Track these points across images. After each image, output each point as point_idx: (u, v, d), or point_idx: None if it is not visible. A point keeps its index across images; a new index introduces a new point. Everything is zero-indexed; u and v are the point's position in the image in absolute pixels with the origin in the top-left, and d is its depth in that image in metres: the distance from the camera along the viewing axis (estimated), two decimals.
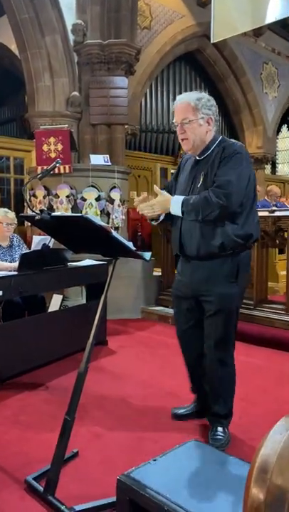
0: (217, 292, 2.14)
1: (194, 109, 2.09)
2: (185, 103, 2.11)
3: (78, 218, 1.80)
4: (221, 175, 2.04)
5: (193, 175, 2.19)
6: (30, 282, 3.20)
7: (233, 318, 2.23)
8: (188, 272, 2.25)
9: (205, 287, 2.17)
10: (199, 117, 2.09)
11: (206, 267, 2.16)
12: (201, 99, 2.11)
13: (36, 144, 4.87)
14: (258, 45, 10.91)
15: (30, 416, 2.57)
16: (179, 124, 2.13)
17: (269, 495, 0.61)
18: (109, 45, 6.24)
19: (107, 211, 4.88)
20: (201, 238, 2.11)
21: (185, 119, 2.10)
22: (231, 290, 2.15)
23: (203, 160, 2.16)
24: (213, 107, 2.15)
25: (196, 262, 2.19)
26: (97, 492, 1.81)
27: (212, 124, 2.14)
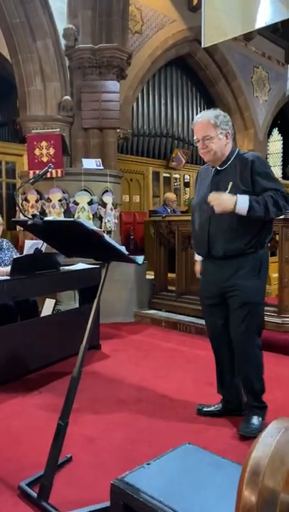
0: (243, 285, 2.31)
1: (214, 126, 2.30)
2: (205, 121, 2.32)
3: (70, 223, 1.80)
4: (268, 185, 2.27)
5: (215, 184, 2.36)
6: (23, 287, 3.19)
7: (259, 311, 2.43)
8: (214, 271, 2.42)
9: (231, 283, 2.34)
10: (219, 133, 2.31)
11: (231, 265, 2.34)
12: (218, 116, 2.33)
13: (28, 148, 4.86)
14: (248, 50, 11.01)
15: (23, 421, 2.56)
16: (200, 140, 2.34)
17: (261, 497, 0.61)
18: (100, 50, 6.25)
19: (100, 215, 4.89)
20: (231, 239, 2.30)
21: (206, 136, 2.31)
22: (256, 283, 2.35)
23: (224, 170, 2.36)
24: (229, 122, 2.38)
25: (221, 262, 2.37)
26: (91, 497, 1.80)
27: (229, 138, 2.36)
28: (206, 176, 2.48)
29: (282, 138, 14.22)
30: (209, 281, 2.47)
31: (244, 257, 2.32)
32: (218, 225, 2.32)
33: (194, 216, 2.52)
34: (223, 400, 2.62)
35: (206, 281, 2.51)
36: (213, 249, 2.37)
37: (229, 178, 2.31)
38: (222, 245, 2.33)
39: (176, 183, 10.66)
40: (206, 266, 2.51)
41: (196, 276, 2.81)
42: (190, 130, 10.55)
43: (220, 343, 2.53)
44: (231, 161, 2.35)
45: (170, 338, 4.39)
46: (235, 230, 2.28)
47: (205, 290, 2.52)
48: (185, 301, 4.86)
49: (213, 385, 3.05)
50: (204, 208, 2.38)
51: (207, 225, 2.37)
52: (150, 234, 6.13)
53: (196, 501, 1.42)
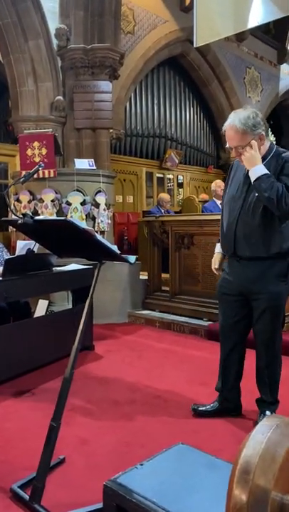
0: (268, 291, 2.30)
1: (244, 133, 2.19)
2: (234, 129, 2.20)
3: (61, 222, 1.79)
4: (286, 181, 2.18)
5: (247, 183, 2.30)
6: (15, 288, 3.17)
7: (282, 313, 2.43)
8: (238, 271, 2.39)
9: (256, 286, 2.32)
10: (251, 138, 2.20)
11: (257, 267, 2.31)
12: (248, 120, 2.19)
13: (20, 149, 4.84)
14: (240, 50, 11.04)
15: (16, 423, 2.53)
16: (234, 147, 2.25)
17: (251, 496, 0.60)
18: (93, 50, 6.24)
19: (93, 215, 4.87)
20: (257, 242, 2.26)
21: (239, 146, 2.22)
22: (281, 289, 2.33)
23: None
24: (260, 122, 2.22)
25: (246, 262, 2.34)
26: (84, 498, 1.79)
27: (264, 139, 2.25)
28: (240, 172, 2.39)
29: (274, 138, 14.26)
30: (232, 280, 2.43)
31: (271, 261, 2.29)
32: (245, 226, 2.28)
33: (223, 213, 2.45)
34: (220, 397, 2.60)
35: (229, 280, 2.46)
36: (239, 251, 2.34)
37: None
38: (248, 248, 2.30)
39: (170, 183, 10.66)
40: (231, 264, 2.45)
41: (189, 276, 2.79)
42: (183, 130, 10.57)
43: (229, 338, 2.52)
44: (267, 160, 2.26)
45: (164, 339, 4.38)
46: (262, 232, 2.25)
47: (225, 287, 2.48)
48: (179, 301, 4.85)
49: (207, 384, 3.04)
50: (233, 207, 2.34)
51: (234, 226, 2.33)
52: (144, 234, 6.13)
53: (189, 502, 1.41)
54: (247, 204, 2.28)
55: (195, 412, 2.59)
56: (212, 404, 2.61)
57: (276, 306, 2.35)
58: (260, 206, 2.23)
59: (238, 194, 2.33)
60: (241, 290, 2.40)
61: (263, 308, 2.35)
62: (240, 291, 2.41)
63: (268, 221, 2.24)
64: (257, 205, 2.25)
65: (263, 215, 2.23)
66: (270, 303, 2.33)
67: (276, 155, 2.27)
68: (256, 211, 2.25)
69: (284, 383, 3.11)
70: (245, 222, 2.28)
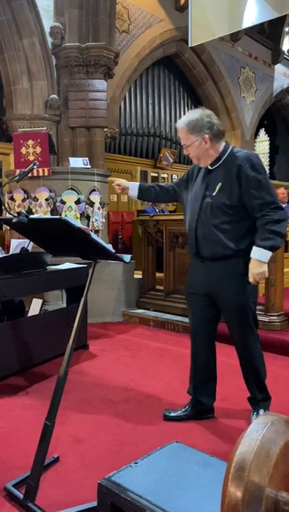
0: (232, 291, 2.30)
1: (188, 133, 2.26)
2: (179, 129, 2.31)
3: (56, 220, 1.79)
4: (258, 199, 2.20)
5: (205, 183, 2.33)
6: (9, 286, 3.15)
7: (250, 312, 2.38)
8: (202, 272, 2.39)
9: (219, 286, 2.32)
10: (194, 140, 2.26)
11: (219, 267, 2.31)
12: (190, 123, 2.25)
13: (14, 147, 4.81)
14: (235, 50, 11.07)
15: (10, 422, 2.53)
16: (183, 145, 2.34)
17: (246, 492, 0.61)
18: (87, 48, 6.23)
19: (87, 214, 4.86)
20: (218, 242, 2.26)
21: (185, 145, 2.32)
22: (245, 288, 2.30)
23: (215, 170, 2.32)
24: (204, 126, 2.24)
25: (209, 263, 2.34)
26: (79, 497, 1.79)
27: (210, 141, 2.26)
28: (198, 174, 2.43)
29: (268, 138, 14.33)
30: (198, 281, 2.43)
31: (233, 261, 2.28)
32: (205, 227, 2.29)
33: (185, 214, 2.48)
34: (192, 400, 2.55)
35: (194, 280, 2.46)
36: (201, 251, 2.35)
37: (219, 179, 2.27)
38: (209, 247, 2.30)
39: (164, 182, 10.68)
40: (195, 264, 2.46)
41: (183, 276, 2.81)
42: None
43: (199, 339, 2.50)
44: (222, 160, 2.29)
45: (158, 338, 4.39)
46: (221, 232, 2.25)
47: (192, 287, 2.48)
48: (173, 301, 4.86)
49: None
50: (193, 208, 2.35)
51: (194, 226, 2.34)
52: (138, 233, 6.12)
53: (183, 500, 1.42)
54: (205, 204, 2.29)
55: (166, 418, 2.52)
56: (184, 408, 2.55)
57: (243, 305, 2.33)
58: (218, 206, 2.24)
59: (197, 195, 2.35)
60: (206, 290, 2.39)
61: (230, 309, 2.36)
62: (205, 291, 2.40)
63: (227, 221, 2.24)
64: (215, 205, 2.25)
65: (221, 214, 2.24)
66: (236, 303, 2.32)
67: (231, 155, 2.28)
68: (215, 211, 2.25)
69: (281, 381, 3.14)
70: (205, 223, 2.29)
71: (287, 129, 14.57)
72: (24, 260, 3.35)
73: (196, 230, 2.34)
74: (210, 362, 2.54)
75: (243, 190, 2.20)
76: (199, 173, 2.43)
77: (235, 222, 2.25)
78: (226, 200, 2.23)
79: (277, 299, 4.11)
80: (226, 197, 2.23)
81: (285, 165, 14.45)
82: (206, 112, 2.29)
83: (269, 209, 2.19)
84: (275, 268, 4.09)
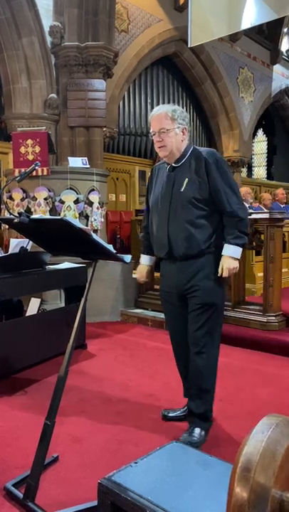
0: (202, 287, 2.26)
1: (171, 119, 2.26)
2: (162, 114, 2.27)
3: (58, 221, 1.79)
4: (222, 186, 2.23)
5: (172, 180, 2.31)
6: (8, 286, 3.16)
7: (218, 315, 2.33)
8: (174, 272, 2.35)
9: (191, 283, 2.28)
10: (175, 127, 2.26)
11: (192, 266, 2.28)
12: (176, 110, 2.29)
13: (13, 146, 4.81)
14: (234, 50, 11.08)
15: (8, 421, 2.53)
16: (156, 132, 2.28)
17: (252, 493, 0.62)
18: (87, 48, 6.23)
19: (86, 214, 4.86)
20: (191, 238, 2.24)
21: (163, 129, 2.26)
22: (215, 285, 2.28)
23: (180, 167, 2.30)
24: (186, 118, 2.33)
25: (181, 262, 2.31)
26: (79, 496, 1.80)
27: (186, 134, 2.31)
28: (162, 174, 2.40)
29: (266, 138, 14.36)
30: (170, 283, 2.38)
31: (205, 258, 2.27)
32: (178, 224, 2.26)
33: (152, 216, 2.42)
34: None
35: (167, 284, 2.41)
36: (174, 250, 2.29)
37: (185, 175, 2.26)
38: (183, 244, 2.25)
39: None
40: (166, 267, 2.41)
41: None
42: None
43: (182, 345, 2.42)
44: (187, 157, 2.29)
45: (156, 337, 4.39)
46: (195, 227, 2.23)
47: (167, 294, 2.43)
48: None
49: None
50: (161, 208, 2.31)
51: (166, 226, 2.29)
52: (136, 233, 6.13)
53: (183, 499, 1.43)
54: (175, 201, 2.27)
55: (165, 418, 2.53)
56: (183, 409, 2.54)
57: (211, 303, 2.27)
58: (188, 201, 2.23)
59: (164, 194, 2.32)
60: (180, 292, 2.34)
61: (197, 306, 2.28)
62: (179, 294, 2.35)
63: (199, 215, 2.23)
64: (185, 203, 2.23)
65: (193, 209, 2.22)
66: (204, 300, 2.26)
67: (194, 152, 2.29)
68: (186, 206, 2.23)
69: (280, 381, 3.15)
70: (177, 220, 2.26)
71: (285, 129, 14.60)
72: (23, 260, 3.35)
73: (168, 229, 2.29)
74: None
75: (210, 184, 2.22)
76: (159, 173, 2.42)
77: (206, 216, 2.24)
78: (196, 194, 2.22)
79: (275, 299, 4.13)
80: (194, 191, 2.22)
81: (282, 165, 14.49)
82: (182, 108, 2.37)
83: (236, 206, 2.22)
84: (273, 268, 4.10)
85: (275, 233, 4.09)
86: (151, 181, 2.50)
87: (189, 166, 2.27)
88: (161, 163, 2.46)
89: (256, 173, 14.29)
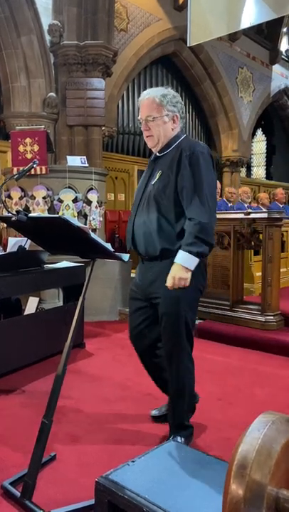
0: (164, 294, 2.04)
1: (159, 105, 2.04)
2: (150, 99, 2.06)
3: (56, 219, 1.79)
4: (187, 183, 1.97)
5: (150, 171, 2.14)
6: (6, 285, 3.15)
7: (182, 324, 2.07)
8: (141, 272, 2.20)
9: (153, 288, 2.11)
10: (164, 114, 2.05)
11: (155, 267, 2.09)
12: (166, 95, 2.06)
13: (12, 145, 4.81)
14: (233, 50, 11.08)
15: (6, 420, 2.53)
16: (143, 120, 2.08)
17: (248, 490, 0.62)
18: (86, 47, 6.23)
19: (84, 213, 4.86)
20: (152, 237, 2.04)
21: (149, 116, 2.05)
22: (177, 293, 2.00)
23: (163, 157, 2.11)
24: (178, 103, 2.10)
25: (147, 262, 2.14)
26: (76, 495, 1.79)
27: (177, 122, 2.10)
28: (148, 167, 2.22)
29: (265, 138, 14.36)
30: (137, 283, 2.23)
31: (169, 261, 1.99)
32: (142, 218, 2.07)
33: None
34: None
35: (135, 282, 2.26)
36: (138, 246, 2.13)
37: (162, 167, 2.06)
38: (144, 245, 2.08)
39: None
40: (139, 265, 2.25)
41: None
42: None
43: (141, 347, 2.30)
44: (172, 148, 2.07)
45: None
46: (155, 225, 2.02)
47: (134, 291, 2.27)
48: None
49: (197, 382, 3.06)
50: (135, 200, 2.16)
51: (132, 221, 2.12)
52: None
53: (181, 498, 1.43)
54: (145, 195, 2.09)
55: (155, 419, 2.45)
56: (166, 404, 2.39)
57: (175, 312, 2.04)
58: (155, 198, 2.03)
59: (140, 185, 2.17)
60: (143, 293, 2.18)
61: (161, 314, 2.09)
62: (142, 294, 2.19)
63: (162, 215, 2.01)
64: (152, 197, 2.04)
65: (158, 206, 2.02)
66: (168, 308, 2.05)
67: (180, 143, 2.08)
68: (151, 202, 2.04)
69: (278, 381, 3.15)
70: (142, 216, 2.07)
71: (284, 129, 14.61)
72: (21, 258, 3.35)
73: (134, 223, 2.11)
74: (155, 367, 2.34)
75: (178, 180, 1.98)
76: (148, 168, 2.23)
77: (172, 215, 2.00)
78: (164, 189, 2.01)
79: (273, 298, 4.13)
80: (163, 186, 2.01)
81: (281, 165, 14.50)
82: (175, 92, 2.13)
83: (197, 208, 1.94)
84: (272, 268, 4.11)
85: (273, 233, 4.10)
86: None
87: (171, 158, 2.04)
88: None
89: (255, 173, 14.30)
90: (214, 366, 3.50)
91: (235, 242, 4.35)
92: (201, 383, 3.07)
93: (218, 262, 4.52)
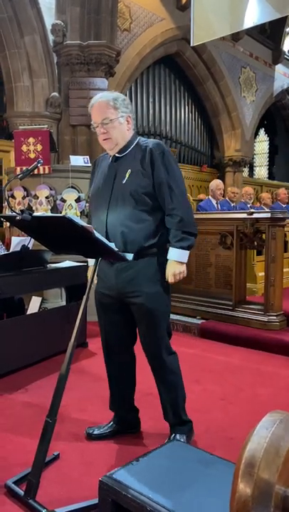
0: (144, 292, 2.07)
1: (114, 108, 2.07)
2: (104, 102, 2.08)
3: (60, 219, 1.79)
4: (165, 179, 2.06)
5: (113, 172, 2.14)
6: (9, 284, 3.16)
7: (165, 318, 2.17)
8: (113, 273, 2.13)
9: (130, 287, 2.09)
10: (119, 116, 2.08)
11: (132, 267, 2.07)
12: (118, 98, 2.11)
13: (15, 145, 4.81)
14: (236, 50, 11.08)
15: (9, 419, 2.53)
16: (99, 124, 2.09)
17: (256, 489, 0.62)
18: (89, 47, 6.23)
19: (87, 212, 4.86)
20: (131, 234, 2.04)
21: (106, 119, 2.07)
22: (158, 289, 2.10)
23: (124, 157, 2.13)
24: (129, 105, 2.16)
25: (120, 263, 2.08)
26: (79, 494, 1.80)
27: (131, 122, 2.15)
28: (104, 165, 2.22)
29: (268, 138, 14.35)
30: (109, 285, 2.15)
31: (147, 260, 2.07)
32: (116, 217, 2.06)
33: (91, 209, 2.27)
34: (116, 418, 2.37)
35: (105, 286, 2.18)
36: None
37: (128, 166, 2.08)
38: (121, 243, 2.04)
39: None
40: (104, 267, 2.15)
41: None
42: (177, 129, 10.58)
43: (112, 350, 2.28)
44: (131, 148, 2.12)
45: None
46: (134, 223, 2.03)
47: (102, 296, 2.21)
48: (172, 300, 4.84)
49: (200, 382, 3.07)
50: (101, 201, 2.13)
51: (105, 221, 2.09)
52: None
53: (184, 497, 1.43)
54: (115, 194, 2.08)
55: (90, 437, 2.31)
56: (109, 424, 2.37)
57: (155, 309, 2.09)
58: (129, 196, 2.04)
59: (105, 186, 2.14)
60: (119, 295, 2.13)
61: (141, 314, 2.10)
62: (117, 296, 2.14)
63: (139, 210, 2.04)
64: (126, 196, 2.05)
65: (134, 203, 2.04)
66: (153, 304, 2.08)
67: (139, 143, 2.14)
68: (125, 202, 2.05)
69: (280, 381, 3.15)
70: (115, 215, 2.06)
71: (286, 129, 14.60)
72: (24, 258, 3.35)
73: (106, 223, 2.08)
74: (132, 378, 2.35)
75: (154, 176, 2.05)
76: (102, 165, 2.25)
77: (149, 212, 2.05)
78: (138, 186, 2.04)
79: (276, 299, 4.12)
80: (137, 183, 2.04)
81: (284, 165, 14.49)
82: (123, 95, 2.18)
83: (178, 204, 2.04)
84: (275, 268, 4.10)
85: (276, 233, 4.09)
86: (93, 173, 2.31)
87: (134, 157, 2.09)
88: (104, 153, 2.28)
89: (258, 173, 14.29)
90: (216, 366, 3.50)
91: (238, 242, 4.34)
92: (203, 383, 3.07)
93: (221, 262, 4.52)
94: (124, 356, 2.29)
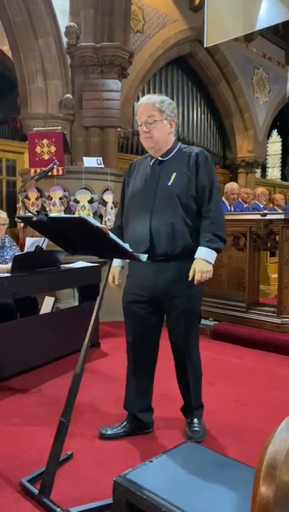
0: (186, 292, 2.19)
1: (159, 110, 2.16)
2: (150, 104, 2.18)
3: (75, 219, 1.80)
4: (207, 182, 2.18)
5: (156, 175, 2.20)
6: (23, 284, 3.19)
7: (197, 317, 2.33)
8: (151, 274, 2.19)
9: (173, 288, 2.18)
10: (163, 118, 2.17)
11: (174, 267, 2.17)
12: (164, 101, 2.19)
13: (29, 146, 4.85)
14: (249, 51, 11.03)
15: (23, 418, 2.56)
16: (143, 123, 2.19)
17: (278, 491, 0.61)
18: (102, 48, 6.26)
19: (100, 213, 4.88)
20: (174, 236, 2.14)
21: (150, 118, 2.16)
22: (197, 289, 2.22)
23: (167, 161, 2.22)
24: (174, 110, 2.24)
25: (161, 263, 2.17)
26: (94, 494, 1.80)
27: (174, 127, 2.23)
28: (143, 169, 2.29)
29: (281, 139, 14.25)
30: (144, 286, 2.23)
31: (186, 260, 2.14)
32: (162, 219, 2.13)
33: (128, 213, 2.29)
34: (129, 417, 2.39)
35: (139, 286, 2.26)
36: (156, 247, 2.14)
37: (172, 169, 2.17)
38: (167, 241, 2.13)
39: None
40: (140, 268, 2.21)
41: None
42: (190, 130, 10.56)
43: (141, 351, 2.36)
44: (174, 152, 2.22)
45: None
46: (180, 224, 2.13)
47: (134, 294, 2.29)
48: None
49: (213, 384, 3.06)
50: (144, 203, 2.18)
51: (149, 220, 2.15)
52: None
53: (198, 498, 1.43)
54: (160, 196, 2.15)
55: (103, 436, 2.32)
56: (122, 424, 2.39)
57: (193, 308, 2.25)
58: (175, 198, 2.13)
59: (148, 188, 2.20)
60: (155, 295, 2.21)
61: (179, 312, 2.21)
62: (152, 297, 2.22)
63: (184, 213, 2.14)
64: (172, 198, 2.13)
65: (177, 209, 2.13)
66: (187, 305, 2.20)
67: (181, 149, 2.24)
68: (171, 205, 2.13)
69: (282, 383, 3.13)
70: (160, 217, 2.13)
71: None
72: (38, 258, 3.38)
73: (150, 224, 2.14)
74: (151, 377, 2.44)
75: (198, 180, 2.16)
76: (140, 169, 2.31)
77: (193, 214, 2.16)
78: (184, 189, 2.14)
79: None
80: (182, 186, 2.14)
81: None
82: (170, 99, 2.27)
83: (214, 206, 2.16)
84: (288, 270, 4.07)
85: None
86: (129, 176, 2.36)
87: (178, 161, 2.19)
88: (141, 158, 2.37)
89: (270, 174, 14.20)
90: (229, 368, 3.49)
91: (251, 244, 4.32)
92: (217, 385, 3.07)
93: (234, 264, 4.50)
94: (153, 349, 2.40)
